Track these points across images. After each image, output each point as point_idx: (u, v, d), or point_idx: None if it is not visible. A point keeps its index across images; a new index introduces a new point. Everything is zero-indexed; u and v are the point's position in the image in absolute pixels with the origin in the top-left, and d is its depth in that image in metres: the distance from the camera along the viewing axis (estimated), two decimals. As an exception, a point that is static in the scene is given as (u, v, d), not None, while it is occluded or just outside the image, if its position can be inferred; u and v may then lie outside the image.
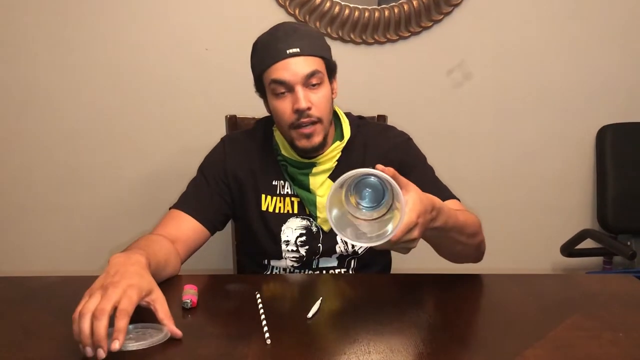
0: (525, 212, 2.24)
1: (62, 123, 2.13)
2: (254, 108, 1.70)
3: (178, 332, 0.89)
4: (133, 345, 0.86)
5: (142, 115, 2.14)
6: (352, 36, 2.09)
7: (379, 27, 2.08)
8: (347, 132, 1.30)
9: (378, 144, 1.31)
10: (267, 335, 0.89)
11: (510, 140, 2.20)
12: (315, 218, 1.27)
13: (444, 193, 1.26)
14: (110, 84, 2.11)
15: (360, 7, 2.07)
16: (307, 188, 1.26)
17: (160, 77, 2.11)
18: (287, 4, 2.05)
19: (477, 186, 2.22)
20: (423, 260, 1.31)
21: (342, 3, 2.06)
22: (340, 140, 1.28)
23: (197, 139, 2.15)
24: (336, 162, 1.27)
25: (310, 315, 0.97)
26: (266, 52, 1.20)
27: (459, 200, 1.28)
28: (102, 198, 2.18)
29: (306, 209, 1.28)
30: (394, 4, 2.07)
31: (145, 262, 0.96)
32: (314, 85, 1.18)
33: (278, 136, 1.30)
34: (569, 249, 2.09)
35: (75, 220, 2.19)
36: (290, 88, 1.18)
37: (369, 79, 2.14)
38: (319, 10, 2.06)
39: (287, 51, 1.16)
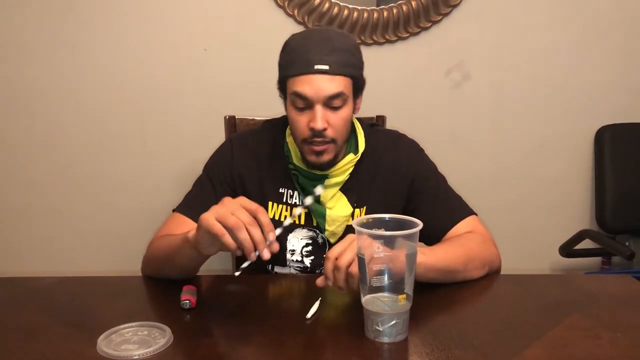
0: (524, 213, 2.25)
1: (60, 124, 2.13)
2: (252, 109, 1.71)
3: (266, 254, 0.90)
4: (137, 354, 0.85)
5: (141, 116, 2.13)
6: (350, 37, 2.09)
7: (378, 28, 2.08)
8: (361, 146, 1.25)
9: (388, 156, 1.28)
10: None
11: (509, 141, 2.21)
12: (322, 230, 1.25)
13: (456, 212, 1.24)
14: (108, 84, 2.11)
15: (359, 7, 2.07)
16: (317, 200, 1.22)
17: (159, 77, 2.11)
18: (286, 4, 2.05)
19: (476, 186, 2.21)
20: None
21: (341, 4, 2.06)
22: (355, 154, 1.24)
23: (196, 139, 2.15)
24: (348, 175, 1.24)
25: (309, 315, 0.97)
26: (295, 58, 1.13)
27: (475, 214, 1.26)
28: (101, 199, 2.18)
29: (313, 221, 1.25)
30: (392, 4, 2.07)
31: None
32: (335, 106, 1.14)
33: (291, 143, 1.25)
34: (567, 249, 2.09)
35: (74, 222, 2.19)
36: (310, 104, 1.13)
37: (367, 80, 2.12)
38: (318, 11, 2.06)
39: (315, 67, 1.10)
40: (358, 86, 1.20)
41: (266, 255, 0.89)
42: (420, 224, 0.89)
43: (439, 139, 2.18)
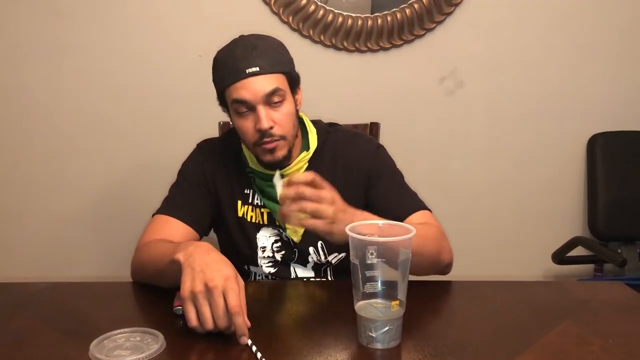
0: (517, 220, 2.25)
1: (54, 129, 2.13)
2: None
3: (244, 338, 0.90)
4: (130, 359, 0.85)
5: (134, 121, 2.13)
6: (345, 44, 2.10)
7: (372, 35, 2.09)
8: (313, 143, 1.29)
9: (346, 153, 1.31)
10: None
11: (502, 148, 2.22)
12: (284, 229, 1.27)
13: (410, 204, 1.26)
14: (103, 90, 2.11)
15: (353, 15, 2.08)
16: (274, 199, 1.25)
17: (153, 83, 2.11)
18: (281, 11, 2.06)
19: (469, 193, 2.22)
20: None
21: (336, 11, 2.07)
22: (307, 151, 1.28)
23: (190, 145, 2.14)
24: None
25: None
26: (226, 70, 1.18)
27: (429, 210, 1.27)
28: (94, 204, 2.17)
29: (276, 220, 1.28)
30: (387, 12, 2.09)
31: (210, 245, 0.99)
32: (275, 103, 1.17)
33: (245, 149, 1.30)
34: (560, 257, 2.10)
35: (66, 227, 2.18)
36: (251, 107, 1.17)
37: (361, 87, 2.15)
38: (313, 18, 2.07)
39: (247, 71, 1.15)
40: (292, 81, 1.23)
41: (244, 340, 0.91)
42: (414, 230, 0.90)
43: (433, 146, 2.19)
